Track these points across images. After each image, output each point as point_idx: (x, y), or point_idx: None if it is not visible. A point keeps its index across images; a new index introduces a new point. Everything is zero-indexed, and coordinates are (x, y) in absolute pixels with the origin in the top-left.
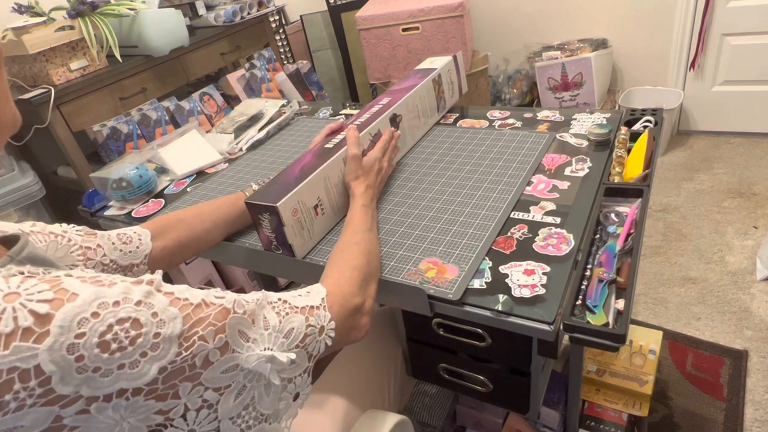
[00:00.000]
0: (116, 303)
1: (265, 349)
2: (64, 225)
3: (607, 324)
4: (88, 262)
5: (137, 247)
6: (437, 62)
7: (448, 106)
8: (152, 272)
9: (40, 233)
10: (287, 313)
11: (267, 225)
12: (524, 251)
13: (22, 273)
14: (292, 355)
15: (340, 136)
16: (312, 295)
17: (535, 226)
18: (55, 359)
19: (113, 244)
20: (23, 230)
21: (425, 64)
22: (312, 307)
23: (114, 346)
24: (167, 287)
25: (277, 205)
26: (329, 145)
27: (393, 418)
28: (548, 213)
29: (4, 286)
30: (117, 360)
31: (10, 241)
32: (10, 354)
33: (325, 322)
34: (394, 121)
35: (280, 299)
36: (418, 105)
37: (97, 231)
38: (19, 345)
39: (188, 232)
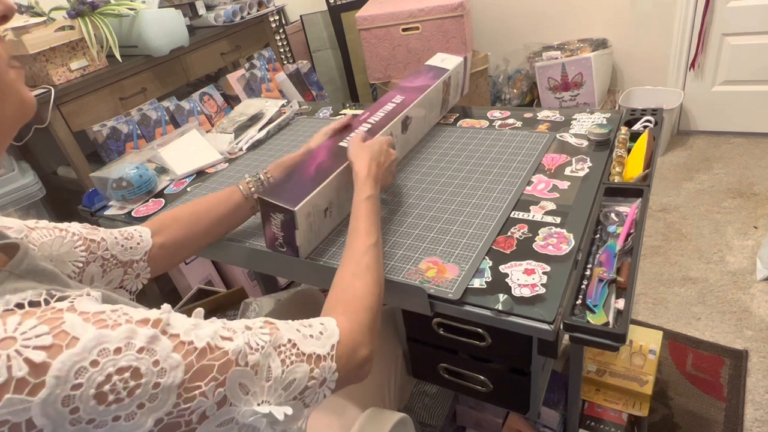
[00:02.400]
0: (118, 350)
1: (262, 402)
2: (66, 223)
3: (607, 323)
4: (90, 256)
5: (138, 244)
6: (448, 62)
7: (449, 106)
8: (152, 269)
9: (45, 229)
10: (292, 362)
11: (277, 224)
12: (524, 251)
13: (22, 306)
14: (289, 410)
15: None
16: (323, 339)
17: (535, 226)
18: (48, 413)
19: (115, 239)
20: (28, 225)
21: (435, 61)
22: (319, 357)
23: (111, 397)
24: (174, 326)
25: (296, 209)
26: (344, 144)
27: (394, 417)
28: (548, 213)
29: (1, 329)
30: (113, 412)
31: (9, 248)
32: (1, 407)
33: (328, 374)
34: (405, 123)
35: (290, 341)
36: (425, 106)
37: (100, 227)
38: (12, 398)
39: (185, 231)
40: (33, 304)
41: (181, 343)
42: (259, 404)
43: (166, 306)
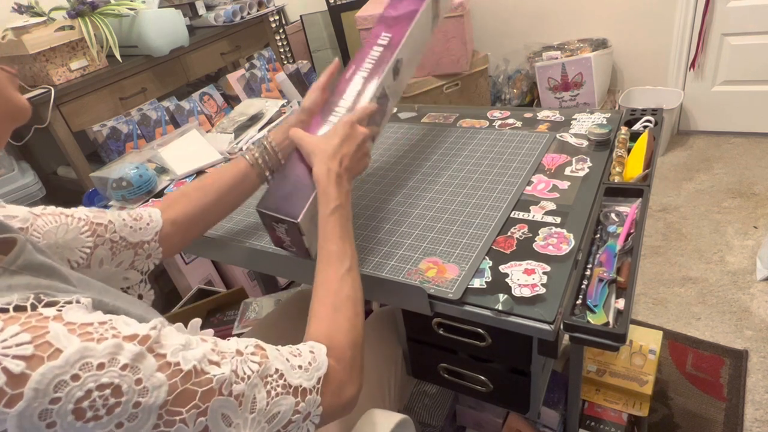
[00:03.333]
0: (101, 365)
1: None
2: (74, 208)
3: (607, 323)
4: (98, 240)
5: (147, 224)
6: None
7: (442, 17)
8: (165, 249)
9: (50, 215)
10: (278, 394)
11: (282, 231)
12: (524, 251)
13: (6, 311)
14: None
15: (342, 107)
16: (311, 370)
17: (535, 226)
18: (23, 426)
19: (124, 220)
20: (34, 212)
21: None
22: (305, 390)
23: (90, 414)
24: (162, 345)
25: (299, 221)
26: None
27: (394, 418)
28: (548, 213)
29: None
30: (90, 429)
31: (8, 242)
32: None
33: (313, 408)
34: (397, 67)
35: (277, 371)
36: (417, 36)
37: (107, 210)
38: None
39: (195, 205)
40: (19, 308)
41: (167, 363)
42: None
43: (157, 320)
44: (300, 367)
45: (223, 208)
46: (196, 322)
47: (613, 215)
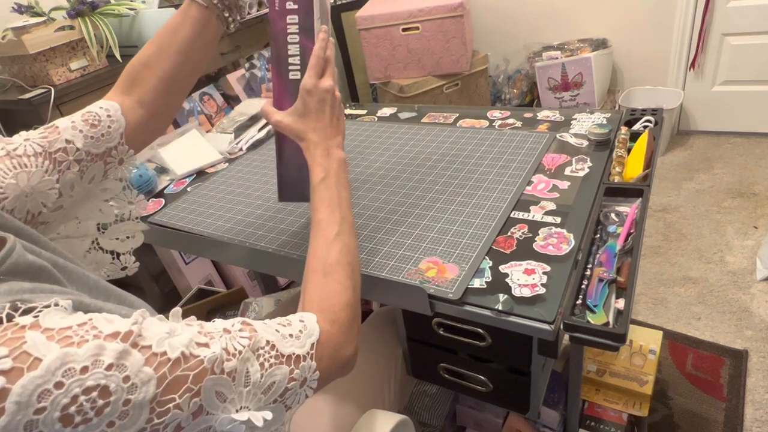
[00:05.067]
0: (84, 369)
1: (241, 408)
2: (23, 134)
3: (607, 323)
4: (62, 167)
5: (109, 127)
6: None
7: None
8: (137, 144)
9: (7, 159)
10: (271, 365)
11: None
12: (524, 251)
13: None
14: (269, 415)
15: (295, 54)
16: (303, 337)
17: (535, 226)
18: None
19: (81, 132)
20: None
21: None
22: (299, 357)
23: (78, 418)
24: (146, 337)
25: None
26: (295, 75)
27: (394, 418)
28: (548, 213)
29: None
30: None
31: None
32: None
33: (309, 374)
34: None
35: (268, 343)
36: None
37: (58, 123)
38: None
39: (159, 75)
40: None
41: (154, 354)
42: (237, 410)
43: (139, 312)
44: (291, 335)
45: (192, 67)
46: (177, 311)
47: (613, 215)
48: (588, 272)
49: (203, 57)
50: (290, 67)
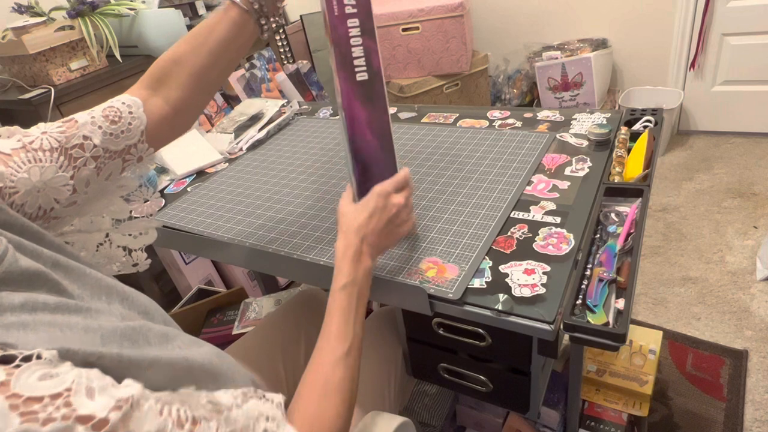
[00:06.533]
0: None
1: None
2: (42, 126)
3: (607, 323)
4: (78, 163)
5: (129, 124)
6: None
7: None
8: (158, 141)
9: (19, 151)
10: None
11: None
12: (524, 251)
13: None
14: None
15: (360, 56)
16: None
17: (535, 226)
18: None
19: (100, 128)
20: (2, 153)
21: None
22: None
23: None
24: (132, 422)
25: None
26: (363, 77)
27: (395, 420)
28: (548, 213)
29: None
30: None
31: None
32: None
33: None
34: None
35: None
36: None
37: (77, 117)
38: None
39: (188, 72)
40: None
41: None
42: None
43: (133, 391)
44: None
45: (221, 68)
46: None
47: (613, 215)
48: (588, 272)
49: (234, 59)
50: (356, 69)
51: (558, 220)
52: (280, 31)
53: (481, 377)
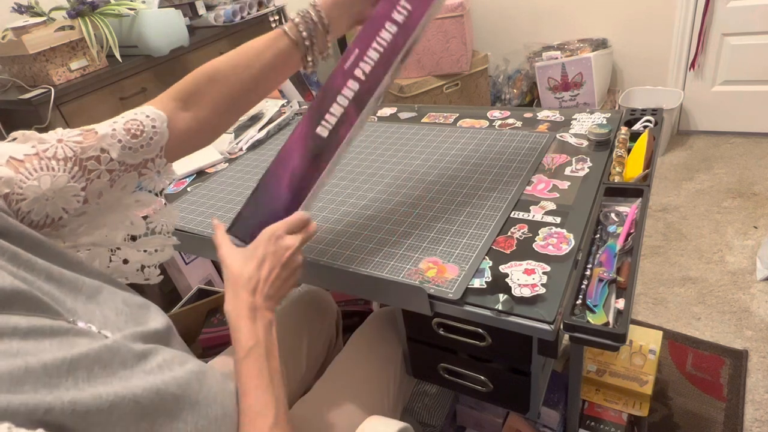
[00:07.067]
0: None
1: None
2: (60, 132)
3: (607, 323)
4: (91, 176)
5: (151, 139)
6: None
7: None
8: (176, 155)
9: (31, 157)
10: None
11: None
12: (524, 251)
13: None
14: None
15: (334, 115)
16: None
17: (535, 226)
18: None
19: (119, 141)
20: (15, 157)
21: None
22: None
23: None
24: None
25: None
26: (322, 132)
27: (395, 426)
28: (548, 213)
29: None
30: None
31: None
32: None
33: None
34: (404, 57)
35: None
36: (433, 12)
37: (98, 128)
38: None
39: (224, 94)
40: None
41: None
42: None
43: None
44: None
45: (256, 94)
46: None
47: (613, 215)
48: (588, 272)
49: (272, 87)
50: (322, 122)
51: (558, 220)
52: None
53: (481, 377)
